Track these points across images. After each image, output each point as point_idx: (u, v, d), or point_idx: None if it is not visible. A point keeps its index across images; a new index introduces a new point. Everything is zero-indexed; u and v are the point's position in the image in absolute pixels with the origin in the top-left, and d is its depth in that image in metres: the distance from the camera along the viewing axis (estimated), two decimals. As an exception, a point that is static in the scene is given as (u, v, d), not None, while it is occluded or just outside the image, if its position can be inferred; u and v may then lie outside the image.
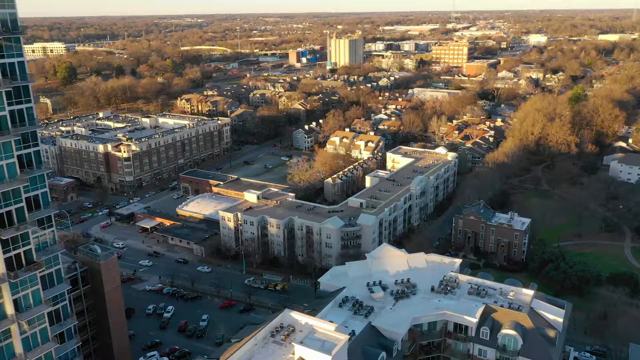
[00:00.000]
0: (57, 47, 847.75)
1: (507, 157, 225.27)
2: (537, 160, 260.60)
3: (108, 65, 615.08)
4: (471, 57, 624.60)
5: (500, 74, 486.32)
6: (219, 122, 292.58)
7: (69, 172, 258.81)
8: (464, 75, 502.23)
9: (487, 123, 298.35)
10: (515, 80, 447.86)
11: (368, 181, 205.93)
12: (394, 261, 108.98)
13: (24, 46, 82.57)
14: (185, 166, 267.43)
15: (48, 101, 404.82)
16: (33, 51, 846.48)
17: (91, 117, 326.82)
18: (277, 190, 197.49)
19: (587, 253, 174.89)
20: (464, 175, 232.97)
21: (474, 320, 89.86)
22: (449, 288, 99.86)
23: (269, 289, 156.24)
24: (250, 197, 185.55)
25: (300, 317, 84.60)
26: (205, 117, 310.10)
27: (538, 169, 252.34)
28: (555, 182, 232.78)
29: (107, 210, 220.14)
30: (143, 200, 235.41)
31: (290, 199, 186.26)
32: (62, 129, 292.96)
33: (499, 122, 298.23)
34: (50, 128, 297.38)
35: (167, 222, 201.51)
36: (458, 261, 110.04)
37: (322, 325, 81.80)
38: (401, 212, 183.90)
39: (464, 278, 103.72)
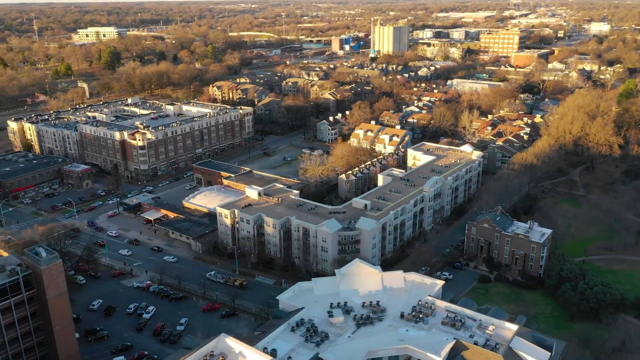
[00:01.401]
0: (110, 32, 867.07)
1: (537, 158, 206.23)
2: (575, 161, 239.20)
3: (152, 50, 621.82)
4: (522, 46, 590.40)
5: (550, 65, 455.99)
6: (240, 111, 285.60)
7: (89, 159, 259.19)
8: (511, 66, 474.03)
9: (525, 119, 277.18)
10: (566, 72, 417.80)
11: (380, 180, 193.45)
12: (367, 279, 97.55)
13: (80, 30, 71.66)
14: (203, 156, 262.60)
15: (85, 85, 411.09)
16: (87, 35, 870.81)
17: (120, 102, 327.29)
18: (282, 186, 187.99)
19: (616, 270, 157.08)
20: (492, 176, 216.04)
21: (438, 359, 77.67)
22: (421, 315, 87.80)
23: (228, 284, 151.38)
24: (252, 193, 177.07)
25: (235, 345, 75.52)
26: (228, 106, 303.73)
27: (575, 171, 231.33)
28: (592, 187, 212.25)
29: (118, 199, 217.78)
30: (156, 189, 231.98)
31: (293, 197, 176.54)
32: (89, 114, 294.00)
33: (538, 118, 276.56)
34: (77, 113, 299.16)
35: (172, 215, 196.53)
36: (440, 283, 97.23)
37: (255, 358, 72.26)
38: (410, 215, 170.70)
39: (441, 304, 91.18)
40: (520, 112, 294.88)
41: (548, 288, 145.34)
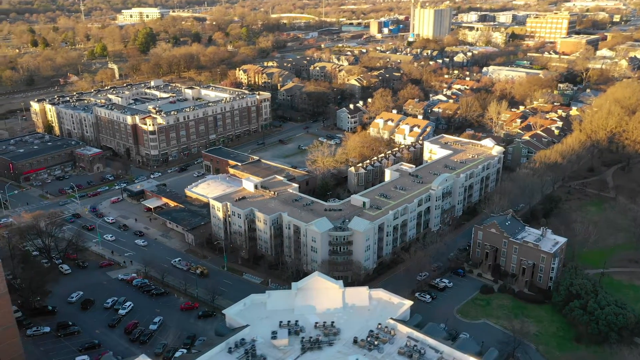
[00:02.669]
0: (152, 13, 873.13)
1: (563, 156, 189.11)
2: (610, 160, 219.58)
3: (189, 32, 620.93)
4: (572, 31, 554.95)
5: (598, 52, 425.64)
6: (257, 97, 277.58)
7: (104, 142, 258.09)
8: (556, 53, 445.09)
9: (560, 111, 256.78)
10: (615, 60, 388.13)
11: (388, 175, 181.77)
12: (327, 295, 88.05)
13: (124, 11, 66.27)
14: (217, 142, 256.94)
15: (115, 67, 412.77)
16: (131, 16, 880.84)
17: (143, 85, 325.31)
18: (282, 179, 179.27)
19: (638, 286, 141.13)
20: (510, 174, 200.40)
21: (381, 397, 67.95)
22: (376, 342, 77.78)
23: (191, 272, 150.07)
24: (248, 185, 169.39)
25: (153, 368, 67.74)
26: (246, 91, 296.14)
27: (609, 171, 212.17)
28: (624, 189, 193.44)
29: (125, 184, 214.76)
30: (164, 175, 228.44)
31: (290, 191, 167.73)
32: (110, 96, 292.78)
33: (573, 111, 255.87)
34: (99, 95, 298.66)
35: (172, 203, 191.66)
36: (407, 304, 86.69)
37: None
38: (414, 215, 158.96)
39: (404, 329, 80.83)
40: (555, 104, 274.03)
41: (556, 303, 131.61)
